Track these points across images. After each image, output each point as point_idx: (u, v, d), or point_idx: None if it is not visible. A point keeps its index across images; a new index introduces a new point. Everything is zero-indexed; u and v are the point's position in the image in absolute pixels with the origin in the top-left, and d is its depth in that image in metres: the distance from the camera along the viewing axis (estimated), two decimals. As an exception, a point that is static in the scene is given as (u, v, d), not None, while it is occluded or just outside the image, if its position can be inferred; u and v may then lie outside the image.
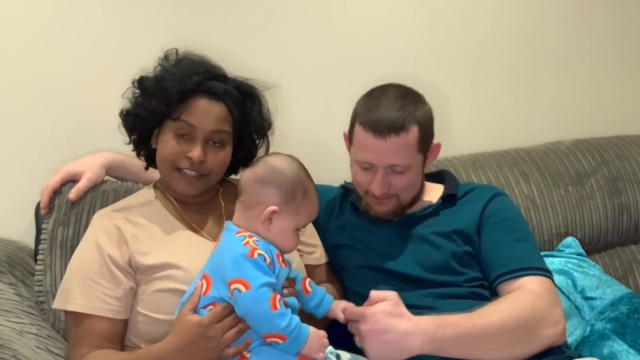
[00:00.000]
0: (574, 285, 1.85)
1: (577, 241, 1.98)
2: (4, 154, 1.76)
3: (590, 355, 1.65)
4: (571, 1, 2.30)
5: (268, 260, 1.25)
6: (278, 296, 1.23)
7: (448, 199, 1.62)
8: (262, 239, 1.29)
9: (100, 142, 1.75)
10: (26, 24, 1.75)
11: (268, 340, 1.22)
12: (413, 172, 1.53)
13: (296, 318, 1.24)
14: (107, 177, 1.67)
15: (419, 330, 1.31)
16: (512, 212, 1.61)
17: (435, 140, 1.60)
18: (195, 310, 1.26)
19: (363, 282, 1.53)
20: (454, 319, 1.34)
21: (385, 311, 1.32)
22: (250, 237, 1.28)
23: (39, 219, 1.67)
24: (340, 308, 1.36)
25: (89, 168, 1.62)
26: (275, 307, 1.21)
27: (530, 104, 2.28)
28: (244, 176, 1.35)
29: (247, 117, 1.50)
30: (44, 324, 1.53)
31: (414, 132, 1.49)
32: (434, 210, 1.60)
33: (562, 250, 1.96)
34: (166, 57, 1.50)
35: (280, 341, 1.21)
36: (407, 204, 1.60)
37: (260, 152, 1.59)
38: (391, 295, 1.35)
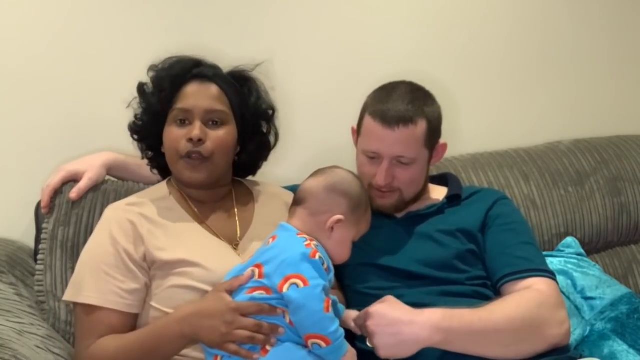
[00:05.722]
0: (574, 285, 1.85)
1: (577, 241, 1.98)
2: (4, 154, 1.76)
3: (590, 356, 1.65)
4: (572, 1, 2.30)
5: (325, 265, 1.28)
6: (330, 301, 1.25)
7: (453, 199, 1.63)
8: (320, 245, 1.31)
9: (101, 142, 1.75)
10: (27, 25, 1.75)
11: (310, 341, 1.22)
12: (418, 166, 1.55)
13: (342, 330, 1.25)
14: (107, 177, 1.67)
15: (424, 319, 1.32)
16: (517, 216, 1.63)
17: (442, 141, 1.61)
18: (231, 292, 1.27)
19: (363, 279, 1.54)
20: (460, 312, 1.36)
21: (388, 306, 1.35)
22: (311, 240, 1.30)
23: (39, 219, 1.67)
24: (351, 318, 1.38)
25: (90, 168, 1.61)
26: (328, 310, 1.22)
27: (530, 104, 2.28)
28: (311, 183, 1.37)
29: (246, 102, 1.51)
30: (44, 324, 1.52)
31: (422, 126, 1.51)
32: (439, 209, 1.61)
33: (562, 251, 1.96)
34: (155, 64, 1.51)
35: (323, 344, 1.21)
36: (410, 201, 1.60)
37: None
38: (389, 297, 1.38)
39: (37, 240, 1.66)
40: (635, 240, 2.17)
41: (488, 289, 1.51)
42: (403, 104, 1.51)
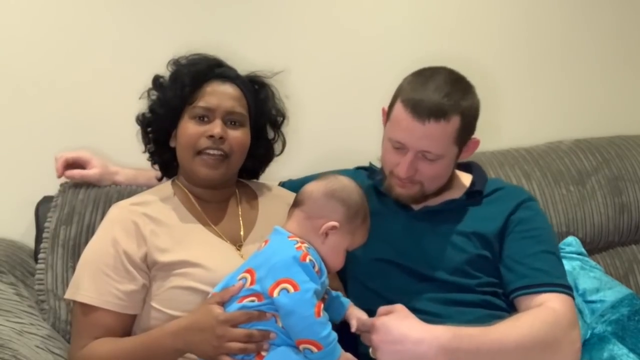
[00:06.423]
0: (576, 288, 1.83)
1: (578, 240, 1.97)
2: (4, 154, 1.76)
3: (590, 359, 1.65)
4: (573, 2, 2.30)
5: (317, 267, 1.26)
6: (322, 305, 1.23)
7: (473, 195, 1.55)
8: (312, 248, 1.30)
9: (101, 142, 1.76)
10: (27, 25, 1.75)
11: (302, 346, 1.21)
12: (444, 162, 1.46)
13: (335, 333, 1.23)
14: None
15: (431, 338, 1.27)
16: (540, 221, 1.53)
17: (476, 136, 1.52)
18: (223, 304, 1.26)
19: (372, 274, 1.50)
20: (470, 332, 1.30)
21: (396, 320, 1.30)
22: (302, 242, 1.29)
23: (39, 219, 1.68)
24: (353, 318, 1.36)
25: (103, 168, 1.66)
26: (319, 315, 1.20)
27: (531, 103, 2.28)
28: (312, 187, 1.35)
29: (262, 108, 1.53)
30: (44, 324, 1.53)
31: (454, 122, 1.42)
32: (457, 206, 1.53)
33: (563, 249, 1.95)
34: (176, 59, 1.51)
35: (315, 350, 1.20)
36: (431, 194, 1.52)
37: (277, 148, 1.60)
38: (398, 307, 1.33)
39: (37, 240, 1.66)
40: (636, 240, 2.17)
41: (499, 298, 1.45)
42: (439, 96, 1.40)
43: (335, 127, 2.00)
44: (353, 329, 1.35)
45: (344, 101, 2.03)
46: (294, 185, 1.68)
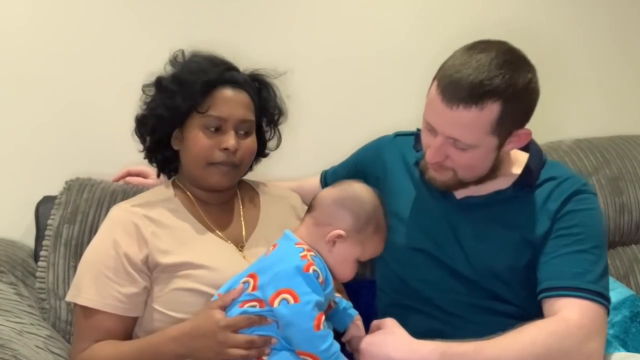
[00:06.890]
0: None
1: (578, 239, 1.97)
2: (4, 154, 1.76)
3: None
4: (571, 2, 2.30)
5: (321, 278, 1.24)
6: (323, 317, 1.21)
7: (522, 187, 1.39)
8: (319, 257, 1.28)
9: (102, 143, 1.75)
10: (28, 25, 1.75)
11: (302, 356, 1.20)
12: (477, 153, 1.31)
13: (337, 345, 1.22)
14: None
15: (417, 358, 1.22)
16: (588, 217, 1.35)
17: (527, 128, 1.34)
18: (225, 308, 1.26)
19: (403, 261, 1.44)
20: (463, 349, 1.21)
21: (380, 342, 1.27)
22: (309, 250, 1.27)
23: (39, 219, 1.68)
24: (349, 333, 1.35)
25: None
26: (318, 328, 1.19)
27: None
28: (324, 193, 1.35)
29: (264, 107, 1.52)
30: (44, 323, 1.53)
31: (491, 110, 1.24)
32: (503, 199, 1.39)
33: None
34: (175, 57, 1.49)
35: None
36: (470, 182, 1.39)
37: (271, 144, 1.60)
38: (388, 322, 1.30)
39: (38, 240, 1.66)
40: (636, 240, 2.16)
41: (537, 310, 1.32)
42: (476, 78, 1.22)
43: (335, 128, 2.00)
44: (343, 339, 1.34)
45: (345, 102, 2.02)
46: (336, 172, 1.67)
